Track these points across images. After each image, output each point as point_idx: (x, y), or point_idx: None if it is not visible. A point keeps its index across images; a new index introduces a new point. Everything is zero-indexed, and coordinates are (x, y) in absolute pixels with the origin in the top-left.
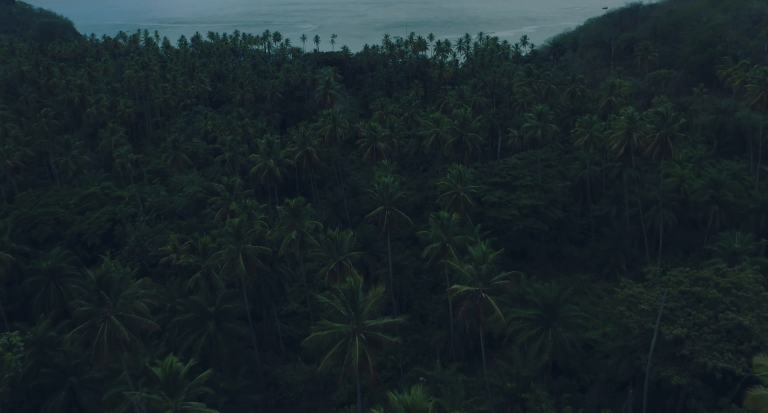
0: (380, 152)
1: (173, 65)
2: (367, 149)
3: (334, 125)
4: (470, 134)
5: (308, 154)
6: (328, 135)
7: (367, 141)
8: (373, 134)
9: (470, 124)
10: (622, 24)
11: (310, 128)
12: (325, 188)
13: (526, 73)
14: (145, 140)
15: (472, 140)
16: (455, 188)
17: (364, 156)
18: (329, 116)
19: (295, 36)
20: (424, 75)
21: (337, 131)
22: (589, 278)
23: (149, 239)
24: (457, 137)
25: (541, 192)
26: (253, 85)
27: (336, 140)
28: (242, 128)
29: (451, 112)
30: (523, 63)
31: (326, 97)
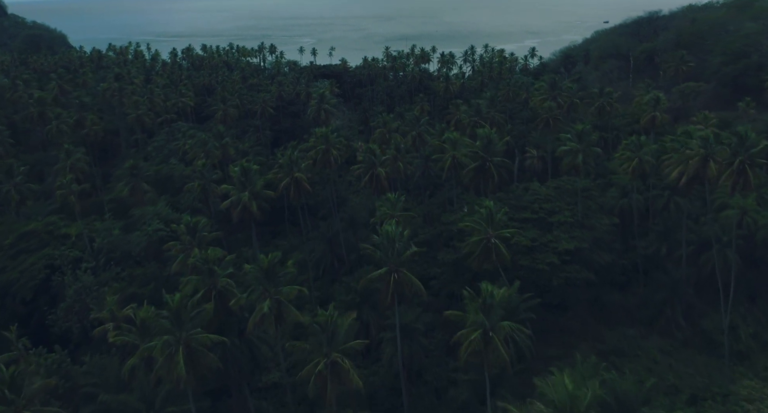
0: (381, 180)
1: (158, 78)
2: (366, 175)
3: (328, 145)
4: (496, 159)
5: (296, 182)
6: (320, 158)
7: (366, 166)
8: (371, 158)
9: (495, 147)
10: (640, 34)
11: (299, 149)
12: (318, 217)
13: (550, 86)
14: (118, 161)
15: (498, 166)
16: (484, 232)
17: (362, 183)
18: (322, 135)
19: (293, 49)
20: (427, 89)
21: (331, 153)
22: (638, 334)
23: (92, 293)
24: (479, 162)
25: (583, 231)
26: (241, 99)
27: (330, 164)
28: (221, 149)
29: (466, 130)
30: (533, 75)
31: (320, 113)
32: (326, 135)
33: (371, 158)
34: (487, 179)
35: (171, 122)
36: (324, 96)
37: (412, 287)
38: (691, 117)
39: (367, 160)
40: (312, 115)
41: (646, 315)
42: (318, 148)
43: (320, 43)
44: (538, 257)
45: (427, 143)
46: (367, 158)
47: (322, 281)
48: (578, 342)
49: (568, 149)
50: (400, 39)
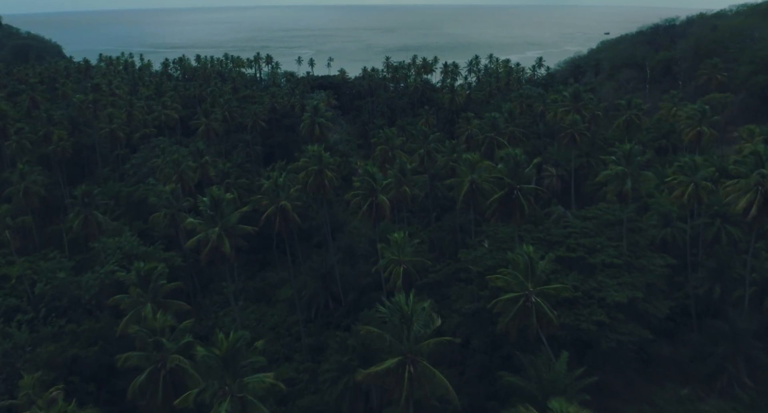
0: (383, 209)
1: (144, 89)
2: (365, 203)
3: (321, 166)
4: (526, 186)
5: (283, 212)
6: (312, 181)
7: (364, 193)
8: (371, 183)
9: (524, 172)
10: (655, 43)
11: (289, 169)
12: (313, 243)
13: (573, 97)
14: (92, 181)
15: (528, 195)
16: (521, 287)
17: (359, 215)
18: (314, 154)
19: (290, 60)
20: (430, 100)
21: (324, 175)
22: (694, 395)
23: (24, 356)
24: (506, 190)
25: (633, 275)
26: (231, 112)
27: (324, 187)
28: (200, 169)
29: (481, 148)
30: (543, 86)
31: (314, 127)
32: (319, 154)
33: (370, 183)
34: (514, 209)
35: (152, 136)
36: (318, 108)
37: (433, 383)
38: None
39: (365, 185)
40: (305, 130)
41: (702, 371)
42: (309, 169)
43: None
44: (582, 313)
45: (436, 162)
46: (366, 183)
47: (315, 325)
48: (623, 405)
49: (613, 173)
50: (400, 50)
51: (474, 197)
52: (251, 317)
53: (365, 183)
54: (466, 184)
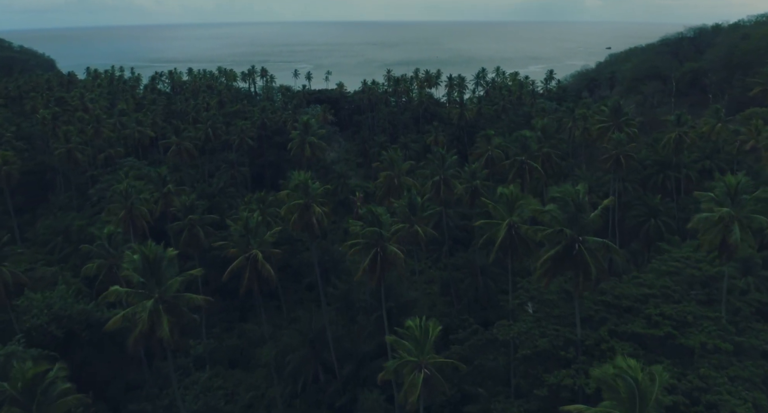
0: (392, 262)
1: (123, 104)
2: (366, 257)
3: (308, 200)
4: (591, 239)
5: (254, 264)
6: (297, 218)
7: (366, 243)
8: (375, 231)
9: (588, 218)
10: (680, 53)
11: (269, 202)
12: (303, 285)
13: (613, 112)
14: (44, 210)
15: (595, 251)
16: None
17: (359, 271)
18: (300, 184)
19: (288, 74)
20: (434, 115)
21: (312, 212)
22: None
23: None
24: (564, 243)
25: (745, 363)
26: (215, 129)
27: (312, 226)
28: (162, 201)
29: (509, 175)
30: (556, 100)
31: (304, 147)
32: (305, 184)
33: (375, 231)
34: (576, 270)
35: (119, 157)
36: (309, 125)
37: None
38: None
39: (368, 233)
40: (294, 150)
41: None
42: (293, 203)
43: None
44: None
45: (453, 191)
46: (369, 229)
47: (302, 402)
48: None
49: (713, 217)
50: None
51: (513, 244)
52: (220, 392)
53: (368, 229)
54: (503, 229)
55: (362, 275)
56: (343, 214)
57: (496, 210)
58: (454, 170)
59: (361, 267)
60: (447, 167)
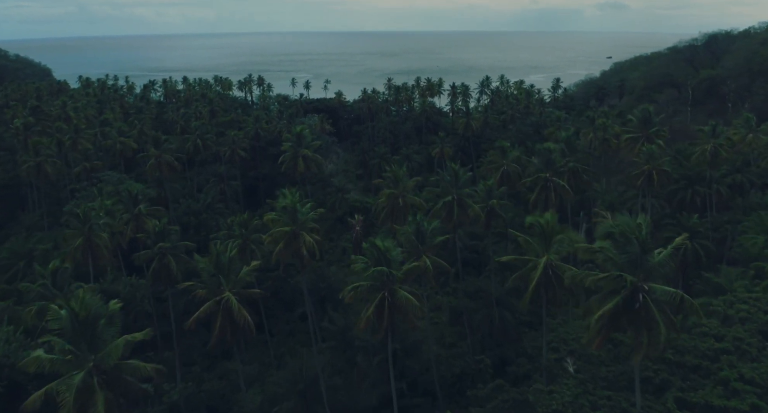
0: (403, 310)
1: (110, 113)
2: (371, 303)
3: (296, 227)
4: (659, 288)
5: (226, 307)
6: (283, 248)
7: (371, 286)
8: (383, 271)
9: (655, 263)
10: (694, 60)
11: (253, 228)
12: (296, 315)
13: (643, 121)
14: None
15: (663, 304)
16: None
17: (362, 321)
18: (287, 209)
19: (287, 84)
20: (437, 125)
21: (301, 241)
22: None
23: None
24: (624, 293)
25: None
26: (204, 140)
27: (301, 256)
28: (132, 223)
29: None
30: (564, 109)
31: (297, 161)
32: (293, 209)
33: (383, 274)
34: (640, 327)
35: (97, 170)
36: (302, 137)
37: None
38: None
39: (374, 277)
40: (286, 164)
41: None
42: (278, 231)
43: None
44: None
45: (468, 209)
46: (375, 272)
47: None
48: None
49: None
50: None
51: (551, 288)
52: None
53: (374, 269)
54: (539, 269)
55: (366, 326)
56: (341, 231)
57: (528, 245)
58: (469, 188)
59: (364, 316)
60: (461, 185)
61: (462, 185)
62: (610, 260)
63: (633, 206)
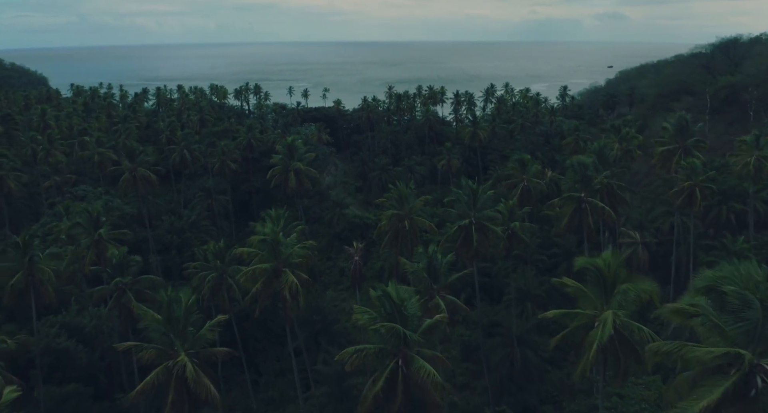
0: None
1: (94, 122)
2: (381, 377)
3: (277, 264)
4: None
5: (179, 375)
6: (260, 288)
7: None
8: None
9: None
10: (711, 66)
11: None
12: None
13: (679, 131)
14: None
15: None
16: None
17: (366, 400)
18: (268, 241)
19: (285, 93)
20: (440, 135)
21: (284, 282)
22: None
23: None
24: (742, 374)
25: None
26: (191, 151)
27: (285, 301)
28: (92, 249)
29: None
30: (574, 118)
31: (287, 176)
32: (274, 242)
33: (396, 335)
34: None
35: (69, 184)
36: (294, 148)
37: None
38: None
39: (384, 337)
40: (275, 180)
41: None
42: (258, 269)
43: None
44: None
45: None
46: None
47: None
48: None
49: None
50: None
51: (615, 354)
52: None
53: (384, 324)
54: (603, 332)
55: (372, 405)
56: (339, 249)
57: (583, 297)
58: (491, 212)
59: (370, 392)
60: (480, 206)
61: (481, 205)
62: (715, 328)
63: (662, 225)
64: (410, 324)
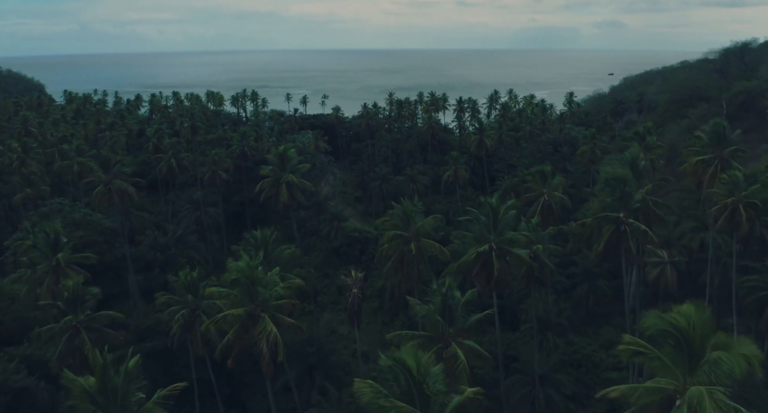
0: None
1: (81, 129)
2: None
3: (254, 309)
4: None
5: None
6: (232, 338)
7: None
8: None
9: None
10: (725, 71)
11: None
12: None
13: (715, 138)
14: None
15: None
16: None
17: None
18: (241, 281)
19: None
20: (443, 143)
21: (263, 330)
22: None
23: None
24: None
25: None
26: (179, 160)
27: (262, 358)
28: (50, 276)
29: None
30: (582, 125)
31: (278, 189)
32: (250, 281)
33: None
34: None
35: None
36: (286, 158)
37: None
38: None
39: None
40: (265, 193)
41: None
42: (232, 315)
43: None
44: None
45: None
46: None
47: None
48: None
49: None
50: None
51: None
52: None
53: (393, 402)
54: None
55: None
56: (337, 264)
57: (658, 365)
58: (513, 235)
59: None
60: (502, 228)
61: (503, 227)
62: None
63: (691, 242)
64: (433, 405)
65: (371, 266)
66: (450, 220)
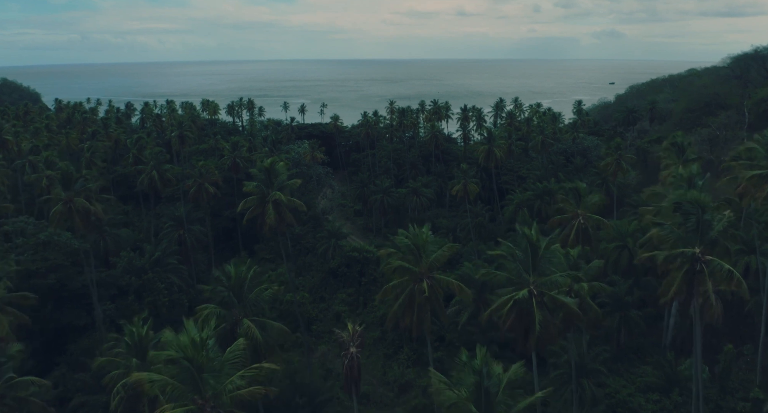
0: None
1: (63, 138)
2: None
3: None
4: None
5: None
6: None
7: None
8: None
9: None
10: (745, 78)
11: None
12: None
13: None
14: None
15: None
16: None
17: None
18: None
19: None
20: (446, 153)
21: None
22: None
23: None
24: None
25: None
26: (161, 173)
27: None
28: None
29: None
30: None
31: (264, 209)
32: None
33: None
34: None
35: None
36: (273, 172)
37: None
38: None
39: None
40: (249, 213)
41: None
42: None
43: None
44: None
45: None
46: None
47: None
48: None
49: None
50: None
51: None
52: None
53: None
54: None
55: None
56: (334, 287)
57: None
58: (556, 273)
59: None
60: (542, 267)
61: (543, 264)
62: None
63: (737, 265)
64: None
65: (372, 290)
66: (456, 237)
